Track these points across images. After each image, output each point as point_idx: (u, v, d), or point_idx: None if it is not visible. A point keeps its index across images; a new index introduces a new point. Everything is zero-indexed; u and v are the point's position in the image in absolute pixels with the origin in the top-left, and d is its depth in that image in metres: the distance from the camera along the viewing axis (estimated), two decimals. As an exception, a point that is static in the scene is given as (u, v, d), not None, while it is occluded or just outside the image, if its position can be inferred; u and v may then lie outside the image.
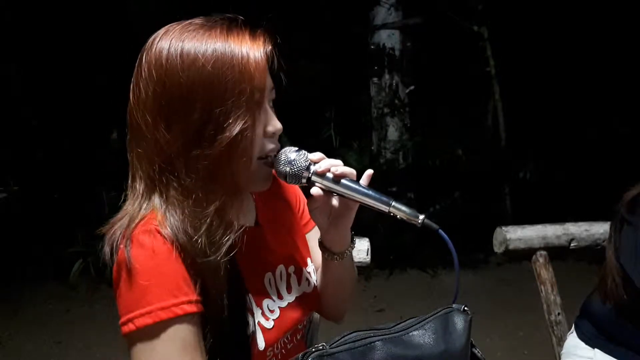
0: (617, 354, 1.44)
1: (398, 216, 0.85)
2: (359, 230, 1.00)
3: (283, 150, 0.87)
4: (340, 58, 5.66)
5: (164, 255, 0.77)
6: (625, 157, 5.14)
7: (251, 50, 0.80)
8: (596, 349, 1.48)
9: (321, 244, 0.97)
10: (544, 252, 1.68)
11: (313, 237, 1.07)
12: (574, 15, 5.35)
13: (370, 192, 0.86)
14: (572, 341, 1.55)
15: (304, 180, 0.86)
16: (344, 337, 0.77)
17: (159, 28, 0.85)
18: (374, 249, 1.49)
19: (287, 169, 0.85)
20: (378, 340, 0.77)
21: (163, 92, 0.79)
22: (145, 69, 0.80)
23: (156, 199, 0.81)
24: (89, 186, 4.72)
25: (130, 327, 0.76)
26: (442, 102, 5.57)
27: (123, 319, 0.77)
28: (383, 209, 0.85)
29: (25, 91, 5.72)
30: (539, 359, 3.01)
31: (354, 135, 5.38)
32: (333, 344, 0.75)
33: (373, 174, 0.89)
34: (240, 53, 0.79)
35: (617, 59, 5.47)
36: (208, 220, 0.79)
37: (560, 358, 1.60)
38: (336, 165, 0.86)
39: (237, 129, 0.78)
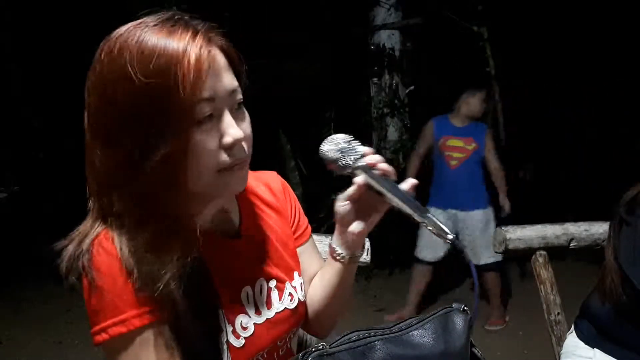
0: (616, 354, 1.45)
1: (429, 227, 0.81)
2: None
3: (336, 136, 0.88)
4: (340, 58, 5.66)
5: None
6: (625, 157, 5.14)
7: (190, 55, 0.70)
8: (596, 349, 1.48)
9: (335, 242, 0.92)
10: (543, 252, 1.68)
11: (306, 249, 1.02)
12: (574, 15, 5.35)
13: (409, 198, 0.82)
14: (572, 341, 1.56)
15: (349, 170, 0.85)
16: (343, 336, 0.77)
17: None
18: (374, 249, 1.49)
19: (338, 156, 0.85)
20: (378, 340, 0.77)
21: (100, 110, 0.73)
22: (89, 85, 0.75)
23: (105, 219, 0.77)
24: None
25: (104, 336, 0.74)
26: (442, 102, 5.57)
27: (95, 329, 0.74)
28: (416, 217, 0.81)
29: (26, 91, 5.72)
30: (538, 359, 3.01)
31: (354, 135, 5.37)
32: (333, 343, 0.76)
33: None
34: (176, 61, 0.70)
35: (617, 59, 5.48)
36: (147, 247, 0.73)
37: (559, 358, 1.60)
38: (382, 162, 0.85)
39: (168, 147, 0.70)
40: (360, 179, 0.83)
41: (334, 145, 0.86)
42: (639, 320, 1.38)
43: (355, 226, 0.87)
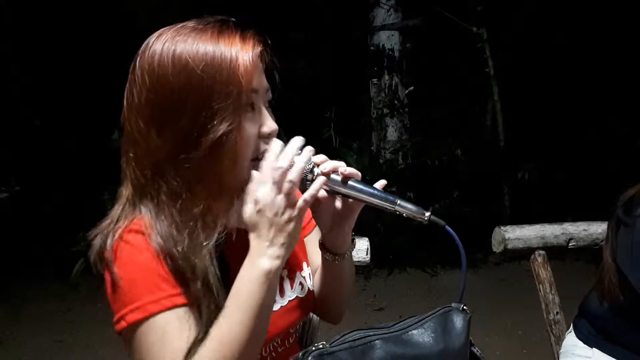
0: (615, 354, 1.45)
1: (404, 214, 0.86)
2: (358, 230, 1.00)
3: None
4: (340, 59, 5.66)
5: (149, 252, 0.79)
6: (624, 157, 5.14)
7: (240, 52, 0.80)
8: (594, 349, 1.48)
9: (322, 245, 0.97)
10: (542, 252, 1.68)
11: (312, 239, 1.07)
12: (573, 16, 5.36)
13: (376, 192, 0.86)
14: (571, 340, 1.56)
15: (308, 183, 0.86)
16: (343, 336, 0.78)
17: (160, 26, 0.86)
18: (374, 249, 1.50)
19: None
20: (378, 339, 0.78)
21: (155, 98, 0.80)
22: (139, 75, 0.82)
23: (145, 205, 0.82)
24: (91, 185, 4.73)
25: (122, 324, 0.78)
26: (441, 102, 5.58)
27: (115, 318, 0.79)
28: (389, 208, 0.86)
29: (26, 91, 5.72)
30: (537, 358, 3.01)
31: (353, 136, 5.39)
32: (333, 342, 0.76)
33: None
34: (229, 56, 0.80)
35: (616, 59, 5.48)
36: (192, 223, 0.80)
37: (558, 357, 1.61)
38: (343, 166, 0.87)
39: (220, 131, 0.79)
40: (320, 192, 0.86)
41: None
42: (638, 320, 1.39)
43: (335, 231, 0.93)
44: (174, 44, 0.81)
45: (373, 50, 5.47)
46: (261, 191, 0.80)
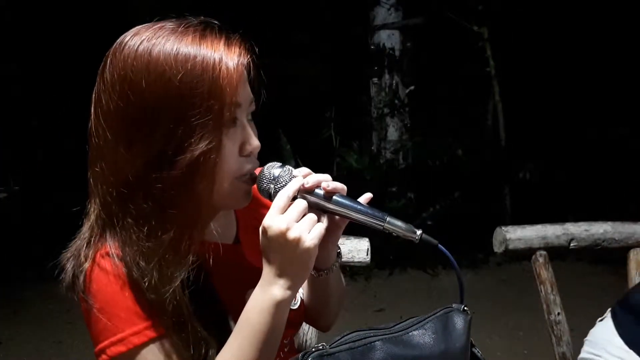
0: None
1: (394, 233, 0.80)
2: (359, 230, 0.97)
3: (266, 166, 0.82)
4: (340, 58, 5.67)
5: (126, 279, 0.74)
6: (625, 157, 5.14)
7: (224, 61, 0.72)
8: (632, 351, 1.29)
9: None
10: (543, 252, 1.67)
11: None
12: (574, 16, 5.35)
13: (363, 209, 0.80)
14: (605, 333, 1.38)
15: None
16: (343, 336, 0.77)
17: None
18: (374, 249, 1.49)
19: (271, 186, 0.80)
20: (378, 340, 0.78)
21: (126, 108, 0.72)
22: (108, 80, 0.73)
23: (112, 228, 0.75)
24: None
25: (104, 358, 0.74)
26: (442, 102, 5.58)
27: (96, 349, 0.74)
28: (377, 226, 0.80)
29: (26, 91, 5.72)
30: (538, 359, 3.01)
31: (354, 135, 5.38)
32: (333, 343, 0.76)
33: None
34: (212, 65, 0.72)
35: (616, 59, 5.48)
36: (160, 252, 0.73)
37: (560, 357, 1.60)
38: (326, 181, 0.79)
39: (198, 150, 0.71)
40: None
41: (266, 175, 0.81)
42: None
43: (319, 247, 0.86)
44: (150, 46, 0.72)
45: (373, 49, 5.46)
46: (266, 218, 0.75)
